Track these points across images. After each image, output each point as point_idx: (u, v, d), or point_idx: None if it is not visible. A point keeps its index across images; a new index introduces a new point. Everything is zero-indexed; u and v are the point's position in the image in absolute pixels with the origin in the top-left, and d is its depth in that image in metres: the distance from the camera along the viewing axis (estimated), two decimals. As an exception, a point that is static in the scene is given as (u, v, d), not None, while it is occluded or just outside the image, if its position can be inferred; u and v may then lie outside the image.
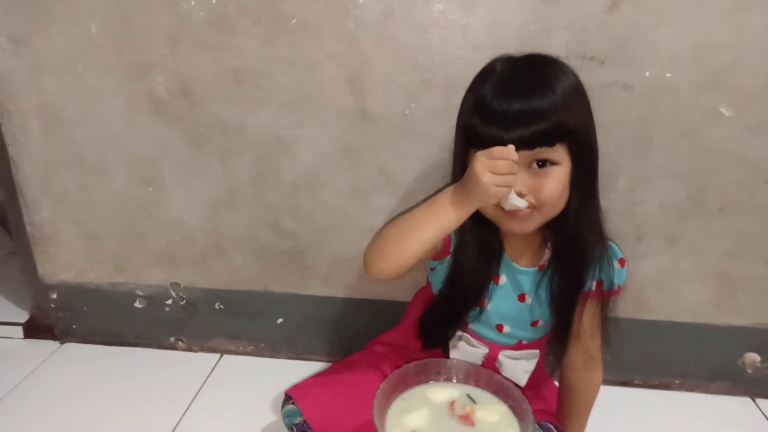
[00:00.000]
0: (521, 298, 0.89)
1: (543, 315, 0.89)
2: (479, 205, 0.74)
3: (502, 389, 0.83)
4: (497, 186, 0.69)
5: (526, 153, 0.73)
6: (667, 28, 1.00)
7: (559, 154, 0.75)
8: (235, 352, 1.39)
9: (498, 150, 0.69)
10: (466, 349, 0.92)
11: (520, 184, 0.74)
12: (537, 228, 0.81)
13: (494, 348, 0.92)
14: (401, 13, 1.04)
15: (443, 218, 0.75)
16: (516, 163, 0.69)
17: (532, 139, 0.72)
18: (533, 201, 0.76)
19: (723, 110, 1.04)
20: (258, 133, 1.16)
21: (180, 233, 1.28)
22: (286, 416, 0.93)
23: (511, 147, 0.69)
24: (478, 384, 0.85)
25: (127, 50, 1.13)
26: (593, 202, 0.83)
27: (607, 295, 0.88)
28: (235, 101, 1.14)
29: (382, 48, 1.07)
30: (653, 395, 1.28)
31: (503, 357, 0.91)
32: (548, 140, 0.73)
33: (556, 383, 1.02)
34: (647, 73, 1.03)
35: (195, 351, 1.40)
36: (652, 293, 1.21)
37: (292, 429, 0.92)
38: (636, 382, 1.30)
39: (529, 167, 0.75)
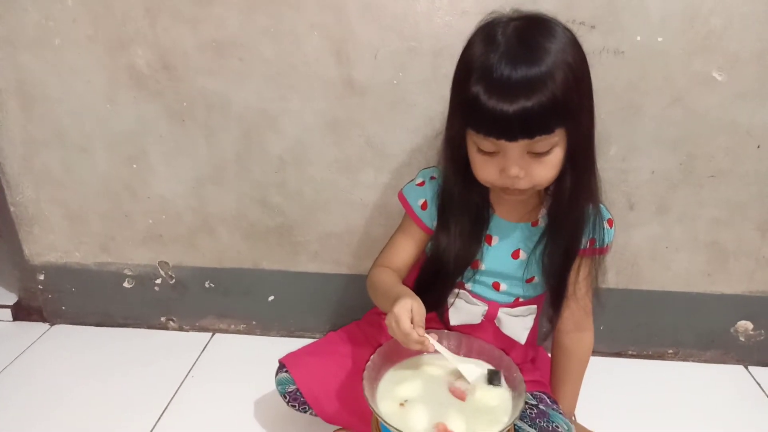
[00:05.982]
0: (515, 255, 0.90)
1: (537, 272, 0.90)
2: None
3: (494, 359, 0.83)
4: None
5: (524, 142, 0.71)
6: (657, -10, 0.98)
7: (557, 138, 0.73)
8: (227, 331, 1.39)
9: (407, 330, 0.72)
10: (464, 307, 0.92)
11: (516, 168, 0.74)
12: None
13: (493, 306, 0.92)
14: (386, -20, 1.02)
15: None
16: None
17: (533, 122, 0.69)
18: (526, 184, 0.76)
19: (716, 75, 1.03)
20: (242, 108, 1.14)
21: (166, 211, 1.26)
22: (279, 384, 0.95)
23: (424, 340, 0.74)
24: (470, 354, 0.85)
25: (105, 23, 1.09)
26: (590, 175, 0.82)
27: (598, 253, 0.91)
28: (218, 74, 1.11)
29: (366, 16, 1.04)
30: (647, 365, 1.28)
31: (503, 314, 0.92)
32: (547, 128, 0.70)
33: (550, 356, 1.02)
34: (638, 38, 1.01)
35: (186, 330, 1.39)
36: (644, 263, 1.20)
37: (286, 397, 0.94)
38: (630, 352, 1.30)
39: (527, 153, 0.74)
